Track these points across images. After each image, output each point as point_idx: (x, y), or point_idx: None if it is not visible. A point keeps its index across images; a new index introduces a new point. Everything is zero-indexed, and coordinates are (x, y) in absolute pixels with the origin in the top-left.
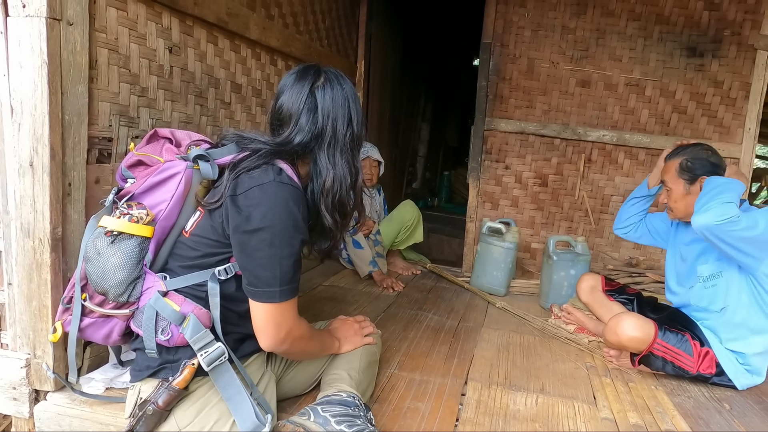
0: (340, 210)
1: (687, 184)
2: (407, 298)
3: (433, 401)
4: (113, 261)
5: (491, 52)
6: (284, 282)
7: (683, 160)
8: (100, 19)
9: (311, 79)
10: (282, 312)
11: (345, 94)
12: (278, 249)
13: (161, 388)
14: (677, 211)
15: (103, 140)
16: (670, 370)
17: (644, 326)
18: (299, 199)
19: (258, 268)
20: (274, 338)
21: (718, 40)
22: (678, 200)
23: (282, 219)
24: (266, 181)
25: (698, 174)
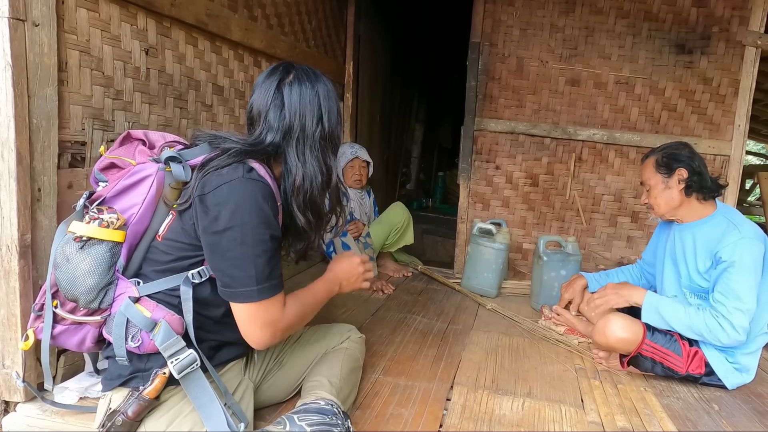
0: (313, 209)
1: (665, 177)
2: (397, 300)
3: (417, 407)
4: (83, 267)
5: (480, 51)
6: (261, 280)
7: (658, 155)
8: (70, 20)
9: (279, 75)
10: (264, 311)
11: (315, 91)
12: (250, 247)
13: (131, 397)
14: (659, 208)
15: (75, 144)
16: (660, 371)
17: (632, 327)
18: (269, 195)
19: (231, 268)
20: (260, 338)
21: (706, 36)
22: (658, 196)
23: (251, 216)
24: (234, 178)
25: (674, 167)
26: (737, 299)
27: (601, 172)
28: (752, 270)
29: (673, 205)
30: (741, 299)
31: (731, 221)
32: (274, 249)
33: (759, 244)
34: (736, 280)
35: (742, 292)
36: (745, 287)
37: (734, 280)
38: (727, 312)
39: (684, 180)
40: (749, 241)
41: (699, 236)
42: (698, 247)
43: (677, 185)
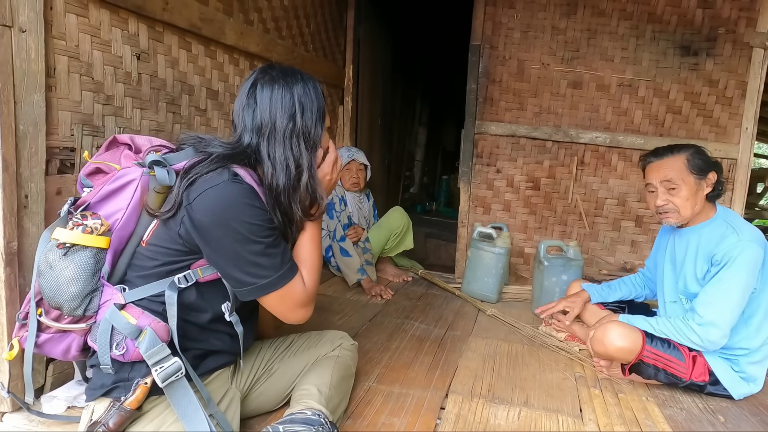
0: (281, 209)
1: (698, 179)
2: (395, 306)
3: (410, 416)
4: (66, 274)
5: (480, 54)
6: (276, 267)
7: (688, 154)
8: (58, 25)
9: (254, 77)
10: (290, 293)
11: (290, 89)
12: (254, 244)
13: (112, 408)
14: (685, 210)
15: (64, 150)
16: (663, 377)
17: (631, 335)
18: (254, 196)
19: (246, 266)
20: (297, 317)
21: (712, 38)
22: (690, 197)
23: (245, 213)
24: (220, 182)
25: (707, 170)
26: (717, 306)
27: (603, 175)
28: (745, 273)
29: (696, 210)
30: (721, 307)
31: (730, 224)
32: (277, 236)
33: (757, 248)
34: (726, 280)
35: (725, 297)
36: (733, 291)
37: (723, 281)
38: (699, 325)
39: (713, 184)
40: (747, 243)
41: (698, 240)
42: (698, 251)
43: (705, 189)
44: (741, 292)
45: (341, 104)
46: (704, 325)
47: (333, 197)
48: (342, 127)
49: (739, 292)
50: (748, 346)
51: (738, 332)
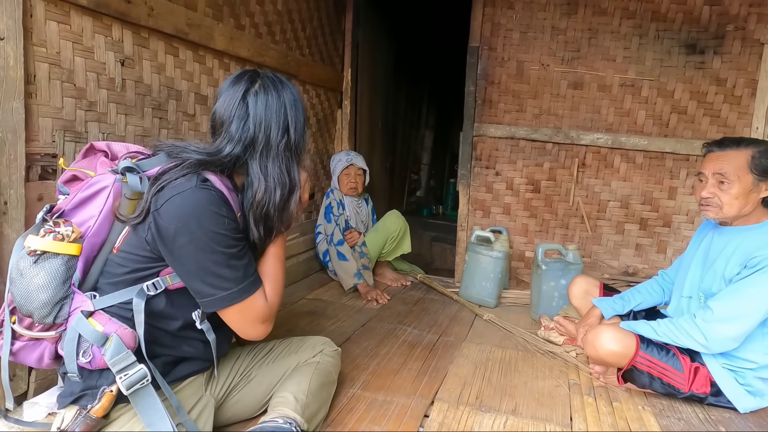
0: (266, 224)
1: (757, 179)
2: (390, 311)
3: (391, 424)
4: (36, 281)
5: (479, 55)
6: (239, 280)
7: (755, 151)
8: (39, 32)
9: (245, 84)
10: (250, 308)
11: (282, 101)
12: (217, 254)
13: (78, 416)
14: (730, 208)
15: (45, 156)
16: (659, 387)
17: (623, 339)
18: (222, 203)
19: (207, 276)
20: (258, 333)
21: (720, 35)
22: (740, 196)
23: (209, 222)
24: (187, 189)
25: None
26: (734, 306)
27: (606, 177)
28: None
29: (745, 212)
30: (738, 307)
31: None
32: (242, 248)
33: None
34: (752, 284)
35: (746, 299)
36: (757, 296)
37: (749, 284)
38: (707, 321)
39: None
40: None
41: (740, 241)
42: (735, 252)
43: (763, 192)
44: (765, 300)
45: (340, 108)
46: (713, 322)
47: (331, 201)
48: (341, 130)
49: (763, 299)
50: (758, 361)
51: (752, 343)
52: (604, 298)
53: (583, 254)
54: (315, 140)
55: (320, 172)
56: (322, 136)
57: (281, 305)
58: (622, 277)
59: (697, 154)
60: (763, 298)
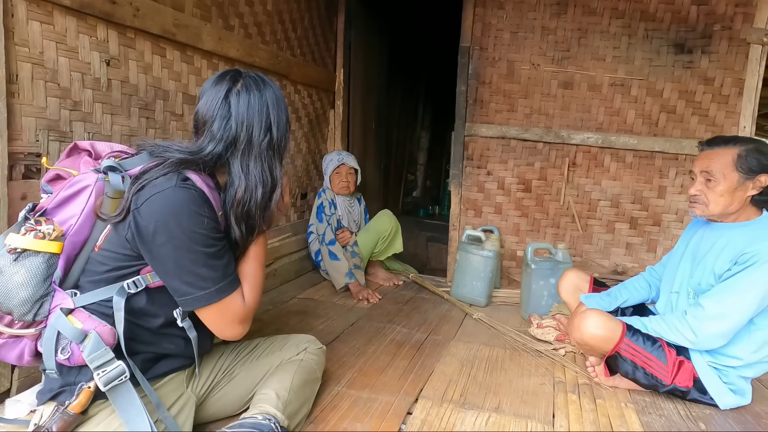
0: (247, 222)
1: (742, 178)
2: (380, 310)
3: (374, 421)
4: (16, 279)
5: (470, 56)
6: (217, 280)
7: (741, 149)
8: (21, 32)
9: (227, 84)
10: (228, 308)
11: (264, 100)
12: (195, 253)
13: (56, 413)
14: (716, 206)
15: (30, 155)
16: (642, 377)
17: (609, 324)
18: (202, 202)
19: (184, 275)
20: (234, 333)
21: (707, 35)
22: (725, 194)
23: (188, 222)
24: (167, 188)
25: (757, 170)
26: (726, 303)
27: (596, 176)
28: (765, 280)
29: (731, 210)
30: (730, 305)
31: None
32: (221, 247)
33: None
34: (743, 281)
35: (737, 296)
36: (748, 293)
37: (740, 281)
38: (697, 317)
39: (761, 187)
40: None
41: (730, 238)
42: (725, 248)
43: (749, 190)
44: (755, 297)
45: (332, 108)
46: (703, 320)
47: (323, 201)
48: (333, 131)
49: (754, 296)
50: (743, 357)
51: (739, 341)
52: (592, 295)
53: (574, 253)
54: (307, 140)
55: (312, 172)
56: (314, 136)
57: (272, 304)
58: (611, 275)
59: (686, 153)
60: (753, 295)
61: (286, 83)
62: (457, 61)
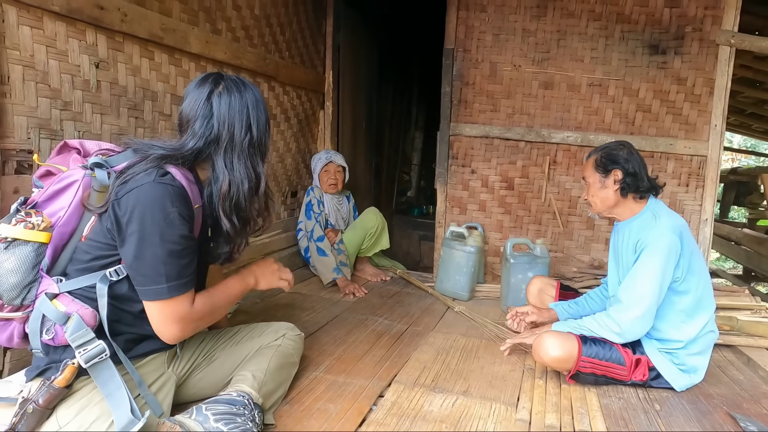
0: (239, 214)
1: (602, 177)
2: (365, 303)
3: (346, 403)
4: (6, 266)
5: (454, 57)
6: (171, 278)
7: (598, 155)
8: (11, 36)
9: (210, 86)
10: (173, 308)
11: (244, 101)
12: (159, 248)
13: (43, 387)
14: (595, 205)
15: (21, 152)
16: (604, 382)
17: (565, 344)
18: (177, 198)
19: (142, 267)
20: (171, 334)
21: (680, 36)
22: (595, 194)
23: (158, 217)
24: (145, 183)
25: (610, 168)
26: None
27: (576, 174)
28: (658, 258)
29: (608, 204)
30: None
31: (654, 214)
32: (184, 249)
33: (671, 235)
34: (641, 266)
35: (640, 282)
36: (647, 276)
37: (639, 267)
38: (617, 310)
39: (619, 181)
40: (662, 231)
41: (628, 232)
42: (628, 242)
43: (612, 185)
44: (655, 277)
45: (322, 109)
46: (622, 311)
47: (311, 198)
48: (323, 131)
49: (654, 277)
50: (681, 338)
51: (667, 322)
52: (561, 303)
53: (556, 249)
54: (297, 140)
55: (302, 171)
56: (304, 135)
57: (260, 298)
58: (590, 270)
59: (661, 151)
60: (652, 276)
61: (274, 85)
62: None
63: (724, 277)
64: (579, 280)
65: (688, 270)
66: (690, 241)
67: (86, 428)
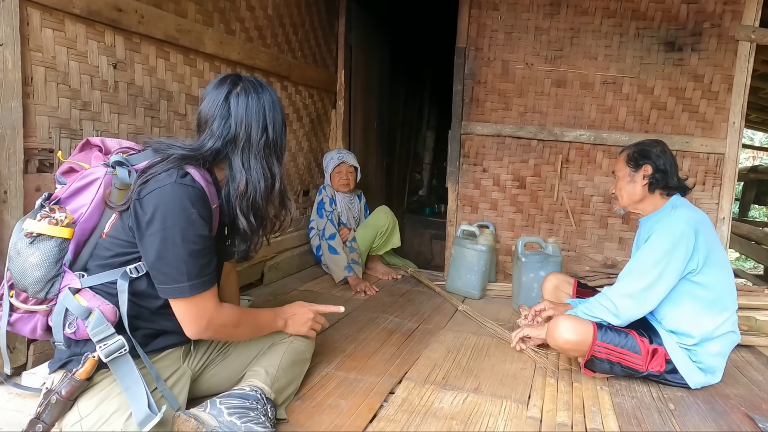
0: (255, 213)
1: (632, 171)
2: (376, 301)
3: (357, 399)
4: (31, 260)
5: (466, 56)
6: (192, 276)
7: (631, 150)
8: (35, 39)
9: (228, 87)
10: (197, 305)
11: (261, 103)
12: (180, 247)
13: (65, 378)
14: (622, 198)
15: (43, 151)
16: (619, 371)
17: (579, 328)
18: (197, 199)
19: (164, 267)
20: (194, 329)
21: (697, 33)
22: (623, 188)
23: (179, 218)
24: (167, 183)
25: (641, 163)
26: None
27: (589, 173)
28: (666, 243)
29: (634, 199)
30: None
31: (674, 207)
32: (204, 248)
33: (685, 226)
34: (644, 249)
35: (639, 263)
36: (648, 258)
37: (643, 250)
38: (611, 289)
39: (648, 176)
40: (675, 219)
41: (649, 227)
42: (646, 237)
43: (641, 180)
44: (656, 261)
45: (334, 108)
46: (615, 289)
47: (323, 197)
48: (335, 130)
49: (654, 260)
50: (696, 333)
51: (681, 312)
52: (577, 299)
53: (568, 248)
54: (309, 139)
55: (314, 170)
56: (315, 135)
57: (272, 295)
58: (602, 269)
59: (677, 149)
60: (653, 259)
61: (287, 84)
62: None
63: (744, 277)
64: (591, 279)
65: (704, 263)
66: (709, 235)
67: (106, 419)
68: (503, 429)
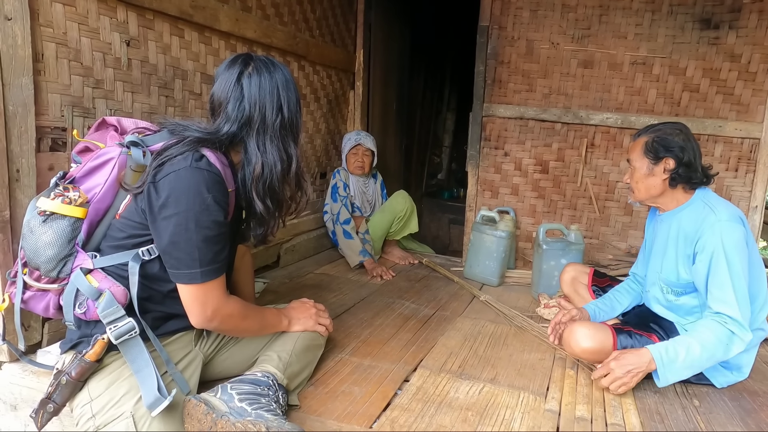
0: (272, 196)
1: (651, 163)
2: (392, 286)
3: (371, 386)
4: (44, 239)
5: (489, 35)
6: (204, 263)
7: (650, 137)
8: (45, 14)
9: (239, 67)
10: (206, 292)
11: (274, 82)
12: (193, 233)
13: (75, 359)
14: (638, 193)
15: (56, 129)
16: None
17: (597, 335)
18: (214, 183)
19: (176, 251)
20: (200, 316)
21: (736, 9)
22: (640, 180)
23: (194, 203)
24: (183, 167)
25: (662, 155)
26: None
27: (615, 158)
28: (737, 256)
29: (653, 193)
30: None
31: (707, 204)
32: (218, 234)
33: (737, 225)
34: (726, 271)
35: (737, 285)
36: (737, 278)
37: (724, 273)
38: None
39: (670, 170)
40: (727, 224)
41: (679, 224)
42: (679, 235)
43: (662, 174)
44: (745, 276)
45: (352, 89)
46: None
47: (337, 181)
48: (353, 111)
49: (744, 277)
50: None
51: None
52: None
53: (591, 235)
54: (326, 120)
55: (332, 152)
56: (333, 116)
57: (288, 278)
58: (626, 258)
59: (709, 134)
60: (743, 278)
61: (304, 64)
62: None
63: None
64: (614, 268)
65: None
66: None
67: (116, 402)
68: (520, 422)
